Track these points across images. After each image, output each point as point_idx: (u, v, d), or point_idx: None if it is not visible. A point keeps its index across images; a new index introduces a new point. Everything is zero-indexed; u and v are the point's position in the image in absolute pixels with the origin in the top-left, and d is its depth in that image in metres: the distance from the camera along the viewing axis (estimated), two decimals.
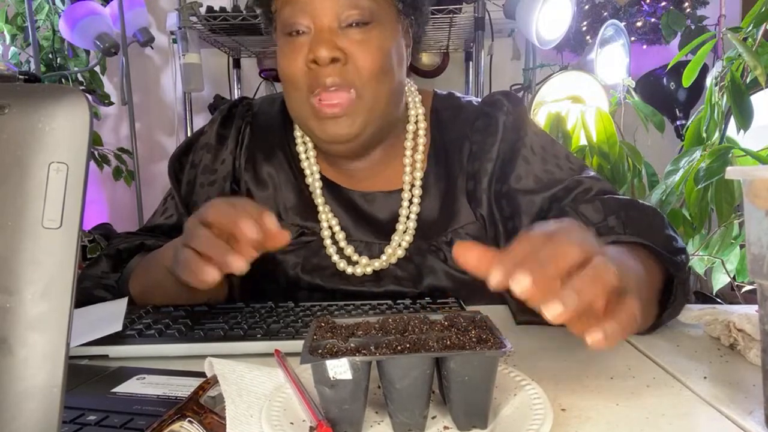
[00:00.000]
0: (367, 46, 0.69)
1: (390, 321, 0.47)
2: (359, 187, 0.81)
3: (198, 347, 0.58)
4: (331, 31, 0.69)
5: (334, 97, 0.69)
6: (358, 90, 0.70)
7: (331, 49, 0.68)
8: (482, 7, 1.85)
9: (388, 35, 0.72)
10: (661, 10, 2.07)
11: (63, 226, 0.30)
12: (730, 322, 0.60)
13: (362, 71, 0.69)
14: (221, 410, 0.41)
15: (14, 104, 0.30)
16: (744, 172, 0.43)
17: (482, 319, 0.47)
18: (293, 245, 0.78)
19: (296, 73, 0.71)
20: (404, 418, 0.41)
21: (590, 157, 1.53)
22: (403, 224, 0.78)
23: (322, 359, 0.39)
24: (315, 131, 0.73)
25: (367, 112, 0.71)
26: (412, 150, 0.80)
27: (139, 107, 2.37)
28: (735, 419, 0.45)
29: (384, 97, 0.72)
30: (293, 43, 0.71)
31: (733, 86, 1.13)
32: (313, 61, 0.68)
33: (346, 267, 0.77)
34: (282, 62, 0.73)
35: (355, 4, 0.69)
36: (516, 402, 0.44)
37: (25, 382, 0.29)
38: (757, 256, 0.42)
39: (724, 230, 1.27)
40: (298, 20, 0.70)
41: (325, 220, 0.78)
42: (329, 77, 0.68)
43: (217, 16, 1.94)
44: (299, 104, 0.72)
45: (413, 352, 0.40)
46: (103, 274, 0.79)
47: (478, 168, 0.78)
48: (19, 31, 2.26)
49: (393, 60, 0.73)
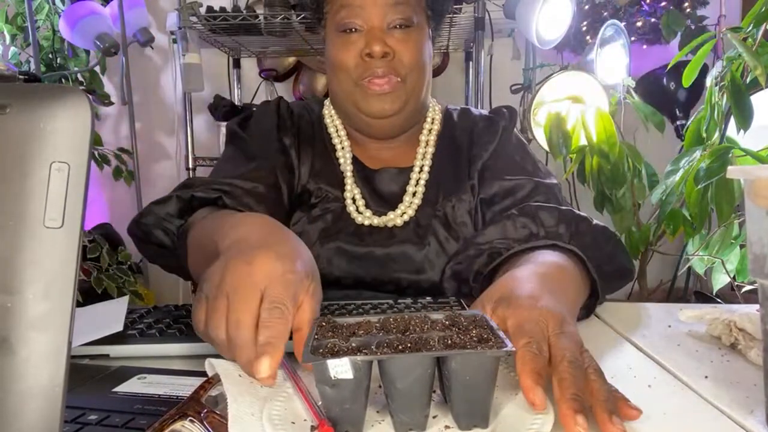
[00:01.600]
0: (408, 45, 0.86)
1: (391, 320, 0.47)
2: (380, 165, 0.93)
3: (199, 347, 0.58)
4: (381, 31, 0.85)
5: (384, 79, 0.85)
6: (402, 77, 0.86)
7: (383, 46, 0.84)
8: (482, 7, 1.85)
9: (423, 36, 0.89)
10: (661, 10, 2.07)
11: (64, 226, 0.30)
12: (731, 321, 0.60)
13: (406, 63, 0.86)
14: (222, 410, 0.41)
15: (15, 104, 0.30)
16: (745, 171, 0.43)
17: (483, 318, 0.47)
18: (319, 211, 0.88)
19: (350, 63, 0.86)
20: (405, 418, 0.41)
21: (590, 157, 1.53)
22: (412, 188, 0.90)
23: (324, 359, 0.39)
24: (362, 107, 0.88)
25: (407, 94, 0.88)
26: (428, 131, 0.95)
27: (139, 107, 2.37)
28: (736, 418, 0.45)
29: (420, 84, 0.89)
30: (348, 38, 0.86)
31: (733, 86, 1.13)
32: (368, 54, 0.84)
33: (364, 220, 0.88)
34: (336, 53, 0.87)
35: (400, 10, 0.85)
36: (517, 402, 0.44)
37: (26, 382, 0.29)
38: (758, 255, 0.42)
39: (724, 230, 1.27)
40: (353, 20, 0.85)
41: (349, 191, 0.90)
42: (380, 68, 0.84)
43: (217, 16, 1.93)
44: (350, 86, 0.87)
45: (414, 351, 0.40)
46: (167, 216, 0.78)
47: (476, 153, 0.93)
48: (19, 31, 2.26)
49: (426, 56, 0.90)
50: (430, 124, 0.96)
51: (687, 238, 1.43)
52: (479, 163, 0.92)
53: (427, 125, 0.96)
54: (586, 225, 0.77)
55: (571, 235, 0.75)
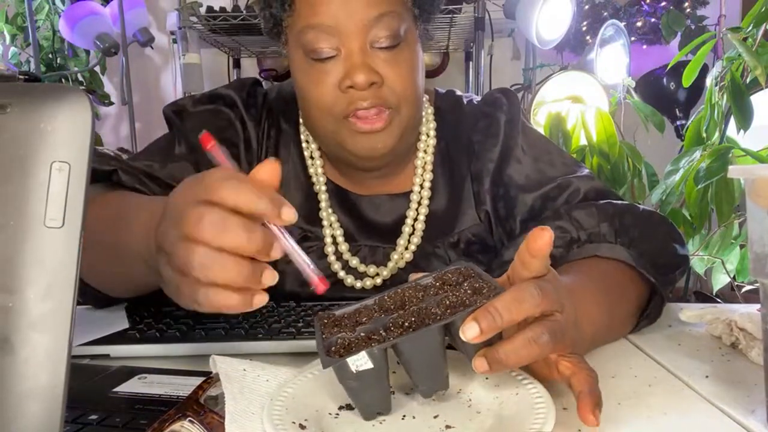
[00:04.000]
0: (400, 68, 0.68)
1: (386, 298, 0.48)
2: (366, 191, 0.80)
3: (199, 347, 0.58)
4: (363, 53, 0.66)
5: (373, 113, 0.67)
6: (393, 108, 0.69)
7: (368, 73, 0.65)
8: (482, 7, 1.85)
9: (413, 48, 0.71)
10: (661, 10, 2.07)
11: (65, 226, 0.30)
12: (732, 321, 0.60)
13: (398, 91, 0.68)
14: (222, 410, 0.41)
15: (16, 104, 0.30)
16: (746, 171, 0.43)
17: (468, 267, 0.48)
18: None
19: (327, 99, 0.68)
20: (429, 385, 0.43)
21: (590, 157, 1.53)
22: (409, 226, 0.77)
23: (341, 358, 0.40)
24: (349, 147, 0.70)
25: (402, 128, 0.71)
26: (424, 152, 0.79)
27: (139, 107, 2.37)
28: (737, 418, 0.45)
29: (417, 111, 0.73)
30: (322, 68, 0.67)
31: (733, 86, 1.13)
32: (350, 86, 0.66)
33: (345, 277, 0.76)
34: (307, 86, 0.69)
35: (385, 24, 0.66)
36: (518, 401, 0.43)
37: (27, 382, 0.29)
38: (759, 255, 0.42)
39: (724, 230, 1.27)
40: (324, 45, 0.66)
41: (328, 226, 0.77)
42: (367, 100, 0.66)
43: (217, 16, 1.93)
44: (332, 126, 0.69)
45: (420, 323, 0.42)
46: None
47: (481, 168, 0.78)
48: (19, 31, 2.26)
49: (420, 76, 0.73)
50: (425, 142, 0.79)
51: (687, 238, 1.43)
52: (486, 181, 0.77)
53: (422, 144, 0.79)
54: (630, 217, 0.66)
55: (616, 232, 0.64)
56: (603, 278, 0.59)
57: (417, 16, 0.73)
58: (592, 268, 0.60)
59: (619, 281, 0.61)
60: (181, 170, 0.74)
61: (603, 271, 0.61)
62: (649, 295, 0.64)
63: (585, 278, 0.57)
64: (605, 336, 0.59)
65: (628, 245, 0.63)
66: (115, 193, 0.67)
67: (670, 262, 0.66)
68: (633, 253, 0.63)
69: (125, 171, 0.69)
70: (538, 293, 0.42)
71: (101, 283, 0.65)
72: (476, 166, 0.79)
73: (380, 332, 0.43)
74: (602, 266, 0.61)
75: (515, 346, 0.41)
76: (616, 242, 0.64)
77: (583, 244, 0.65)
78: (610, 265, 0.61)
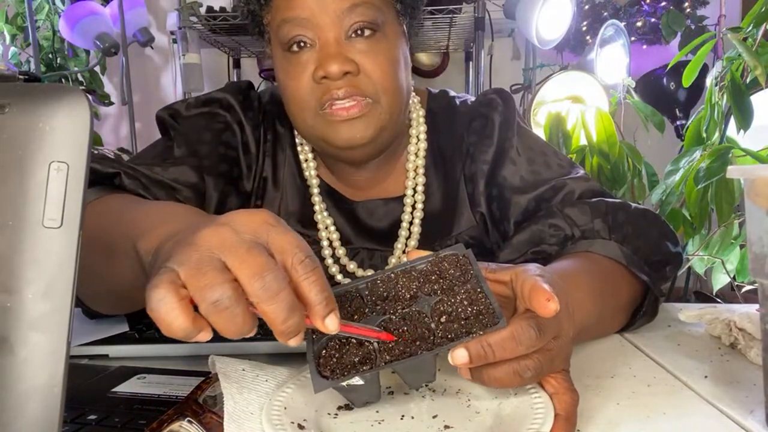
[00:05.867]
0: (376, 57, 0.67)
1: (379, 282, 0.48)
2: (361, 197, 0.79)
3: (198, 347, 0.58)
4: (338, 43, 0.66)
5: (348, 101, 0.66)
6: (371, 97, 0.67)
7: (342, 63, 0.65)
8: (482, 7, 1.85)
9: (393, 41, 0.70)
10: (661, 10, 2.07)
11: (64, 226, 0.30)
12: (731, 321, 0.60)
13: (375, 81, 0.67)
14: (221, 410, 0.41)
15: (15, 103, 0.30)
16: (745, 171, 0.43)
17: (466, 255, 0.47)
18: None
19: (302, 91, 0.67)
20: (416, 377, 0.44)
21: (590, 157, 1.53)
22: (405, 230, 0.76)
23: (335, 381, 0.41)
24: (329, 138, 0.69)
25: (382, 119, 0.69)
26: (414, 155, 0.78)
27: (139, 107, 2.36)
28: (736, 418, 0.45)
29: (399, 104, 0.71)
30: (297, 59, 0.67)
31: (733, 86, 1.13)
32: (324, 77, 0.65)
33: (343, 281, 0.76)
34: (285, 80, 0.69)
35: (359, 12, 0.66)
36: (517, 401, 0.44)
37: (26, 382, 0.29)
38: (758, 255, 0.42)
39: (724, 230, 1.27)
40: (299, 35, 0.66)
41: (324, 229, 0.77)
42: (341, 89, 0.66)
43: (217, 16, 1.93)
44: (310, 120, 0.69)
45: (413, 331, 0.43)
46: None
47: (475, 170, 0.77)
48: (19, 31, 2.26)
49: (401, 67, 0.71)
50: (415, 146, 0.78)
51: (687, 238, 1.43)
52: (481, 183, 0.77)
53: (413, 147, 0.78)
54: (623, 214, 0.67)
55: (610, 228, 0.65)
56: (595, 270, 0.61)
57: (399, 11, 0.72)
58: (584, 260, 0.62)
59: (610, 273, 0.62)
60: (183, 173, 0.73)
61: (595, 262, 0.62)
62: (643, 293, 0.65)
63: (577, 267, 0.59)
64: (596, 326, 0.59)
65: (622, 241, 0.64)
66: (116, 196, 0.66)
67: (662, 259, 0.66)
68: (626, 249, 0.63)
69: (128, 175, 0.68)
70: (536, 335, 0.41)
71: (88, 294, 0.60)
72: (470, 167, 0.78)
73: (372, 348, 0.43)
74: (595, 259, 0.62)
75: (498, 375, 0.41)
76: (610, 238, 0.64)
77: (578, 240, 0.65)
78: (603, 260, 0.62)
